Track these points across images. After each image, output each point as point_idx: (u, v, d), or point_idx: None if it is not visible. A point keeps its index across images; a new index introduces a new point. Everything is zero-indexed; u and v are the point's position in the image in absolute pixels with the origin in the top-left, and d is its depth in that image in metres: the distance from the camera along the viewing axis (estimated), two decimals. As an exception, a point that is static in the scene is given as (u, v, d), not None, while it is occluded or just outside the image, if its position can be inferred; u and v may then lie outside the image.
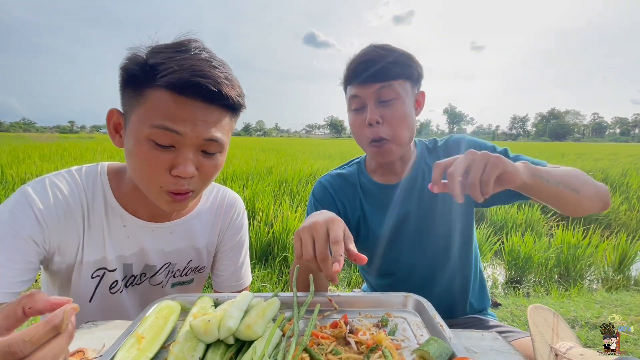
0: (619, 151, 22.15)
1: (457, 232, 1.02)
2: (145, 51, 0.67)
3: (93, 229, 0.77)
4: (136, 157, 0.68)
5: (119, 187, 0.80)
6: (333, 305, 0.72)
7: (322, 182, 1.12)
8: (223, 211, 0.95)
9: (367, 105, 0.94)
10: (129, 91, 0.68)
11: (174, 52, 0.65)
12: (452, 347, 0.57)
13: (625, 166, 9.98)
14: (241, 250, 1.01)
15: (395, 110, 0.92)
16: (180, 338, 0.56)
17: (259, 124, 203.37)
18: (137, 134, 0.66)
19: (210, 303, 0.69)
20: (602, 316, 2.18)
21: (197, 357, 0.53)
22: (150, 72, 0.64)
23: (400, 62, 0.93)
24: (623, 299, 2.57)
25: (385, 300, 0.75)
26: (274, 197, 4.73)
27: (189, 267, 0.91)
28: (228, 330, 0.55)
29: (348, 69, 0.97)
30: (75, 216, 0.75)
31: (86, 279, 0.78)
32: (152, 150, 0.66)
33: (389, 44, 0.95)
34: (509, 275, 3.50)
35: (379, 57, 0.91)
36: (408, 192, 1.02)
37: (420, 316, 0.71)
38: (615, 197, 6.00)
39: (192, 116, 0.65)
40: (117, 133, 0.73)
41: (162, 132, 0.64)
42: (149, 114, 0.65)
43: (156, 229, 0.83)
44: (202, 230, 0.91)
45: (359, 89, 0.94)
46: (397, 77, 0.92)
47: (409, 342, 0.63)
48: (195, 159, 0.69)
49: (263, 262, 3.39)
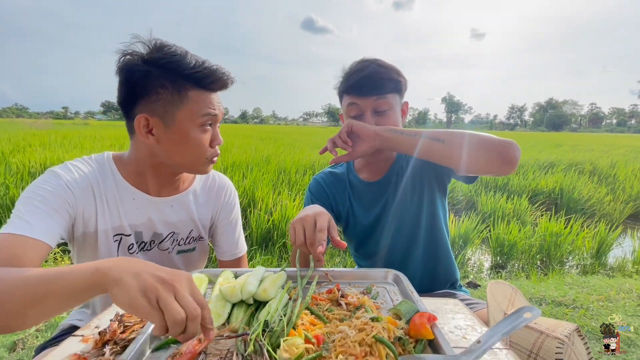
0: (613, 142, 22.44)
1: (425, 219, 1.20)
2: (141, 62, 0.84)
3: (109, 202, 0.94)
4: (191, 142, 0.89)
5: (124, 170, 0.97)
6: (328, 277, 0.91)
7: (317, 180, 1.30)
8: (215, 193, 1.13)
9: (364, 114, 1.09)
10: (165, 96, 0.84)
11: (191, 59, 0.86)
12: (418, 307, 0.75)
13: (615, 158, 10.23)
14: (236, 226, 1.19)
15: (389, 119, 1.08)
16: (212, 299, 0.75)
17: (255, 111, 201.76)
18: (190, 125, 0.88)
19: (231, 275, 0.87)
20: (567, 295, 2.42)
21: (227, 312, 0.72)
22: (187, 79, 0.85)
23: (393, 78, 1.08)
24: (590, 282, 2.82)
25: (370, 274, 0.94)
26: (273, 186, 4.89)
27: (190, 236, 1.09)
28: (249, 293, 0.73)
29: (348, 80, 1.11)
30: (92, 190, 0.92)
31: (109, 243, 0.95)
32: (202, 134, 0.90)
33: (381, 60, 1.11)
34: (494, 261, 3.74)
35: (376, 73, 1.07)
36: (387, 188, 1.20)
37: (398, 286, 0.90)
38: (602, 188, 6.24)
39: (218, 101, 0.92)
40: (149, 133, 0.88)
41: (209, 118, 0.90)
42: (195, 108, 0.87)
43: (159, 202, 1.00)
44: (197, 205, 1.09)
45: (358, 99, 1.09)
46: (391, 91, 1.08)
47: (387, 304, 0.82)
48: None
49: (263, 248, 3.59)
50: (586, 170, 7.88)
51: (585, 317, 2.20)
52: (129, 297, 0.50)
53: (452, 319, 0.82)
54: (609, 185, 6.74)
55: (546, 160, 9.17)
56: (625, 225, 5.16)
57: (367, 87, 1.06)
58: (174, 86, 0.84)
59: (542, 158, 9.55)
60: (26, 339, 1.80)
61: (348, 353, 0.58)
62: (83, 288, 0.54)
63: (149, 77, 0.83)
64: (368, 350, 0.58)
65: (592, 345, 1.92)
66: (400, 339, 0.64)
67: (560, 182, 6.12)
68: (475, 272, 3.49)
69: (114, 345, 0.62)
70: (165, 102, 0.85)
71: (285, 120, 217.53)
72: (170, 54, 0.85)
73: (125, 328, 0.66)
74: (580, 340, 0.85)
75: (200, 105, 0.87)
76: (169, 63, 0.84)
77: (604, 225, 3.96)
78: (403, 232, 1.21)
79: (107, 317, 0.75)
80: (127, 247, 0.98)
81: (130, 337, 0.64)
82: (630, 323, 2.12)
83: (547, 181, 6.21)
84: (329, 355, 0.59)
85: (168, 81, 0.84)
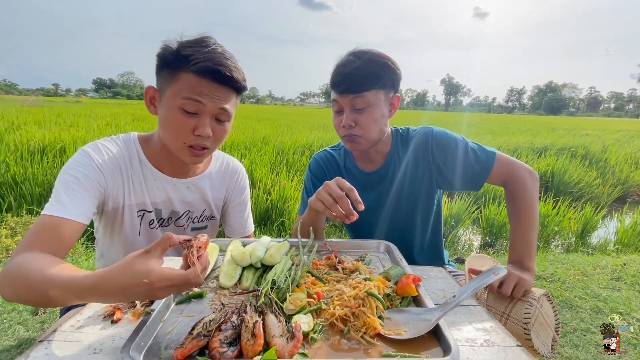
0: (609, 126, 22.57)
1: (419, 209, 1.26)
2: (175, 44, 0.91)
3: (134, 181, 1.03)
4: (169, 121, 0.92)
5: (148, 150, 1.05)
6: (327, 247, 1.01)
7: (317, 159, 1.36)
8: (229, 176, 1.23)
9: (344, 111, 1.11)
10: (165, 72, 0.91)
11: (200, 46, 0.90)
12: (406, 271, 0.86)
13: (608, 142, 10.37)
14: (246, 207, 1.30)
15: (367, 117, 1.09)
16: (225, 263, 0.85)
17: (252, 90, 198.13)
18: (171, 104, 0.90)
19: (240, 244, 0.97)
20: (547, 270, 2.61)
21: (238, 274, 0.82)
22: (183, 60, 0.88)
23: (375, 73, 1.07)
24: (570, 259, 3.00)
25: (364, 244, 1.04)
26: (271, 167, 4.97)
27: (204, 215, 1.19)
28: (257, 258, 0.83)
29: (332, 75, 1.12)
30: (121, 169, 1.00)
31: (133, 217, 1.05)
32: (181, 116, 0.90)
33: (370, 51, 1.10)
34: (484, 240, 3.91)
35: (357, 70, 1.06)
36: (382, 179, 1.25)
37: (389, 255, 1.00)
38: (592, 172, 6.39)
39: (210, 92, 0.90)
40: (152, 104, 0.97)
41: (190, 103, 0.89)
42: (181, 89, 0.88)
43: (178, 183, 1.09)
44: (211, 187, 1.18)
45: (337, 96, 1.11)
46: (370, 88, 1.07)
47: (378, 269, 0.93)
48: (211, 124, 0.94)
49: (262, 227, 3.71)
50: (578, 155, 8.02)
51: (561, 288, 2.38)
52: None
53: (435, 282, 0.93)
54: (599, 169, 6.90)
55: (541, 144, 9.29)
56: (611, 207, 5.35)
57: (344, 85, 1.07)
58: (173, 64, 0.90)
59: (536, 142, 9.67)
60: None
61: (344, 305, 0.69)
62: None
63: (164, 55, 0.91)
64: (361, 302, 0.69)
65: (563, 312, 2.11)
66: (388, 296, 0.75)
67: (552, 165, 6.26)
68: (465, 251, 3.66)
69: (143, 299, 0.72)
70: (164, 77, 0.92)
71: (282, 101, 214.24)
72: (190, 40, 0.91)
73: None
74: (549, 304, 0.97)
75: (185, 88, 0.88)
76: (180, 45, 0.90)
77: (590, 207, 4.13)
78: (396, 220, 1.26)
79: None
80: (148, 222, 1.07)
81: (156, 293, 0.74)
82: (600, 294, 2.30)
83: (540, 164, 6.33)
84: (328, 307, 0.69)
85: (172, 59, 0.90)
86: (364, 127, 1.10)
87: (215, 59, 0.88)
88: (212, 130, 0.93)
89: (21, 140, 5.15)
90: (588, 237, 3.94)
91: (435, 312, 0.67)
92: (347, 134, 1.12)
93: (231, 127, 1.03)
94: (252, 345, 0.57)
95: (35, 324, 1.78)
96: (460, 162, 1.16)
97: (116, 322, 0.67)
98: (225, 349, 0.57)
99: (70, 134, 5.97)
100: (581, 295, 2.28)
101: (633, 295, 2.31)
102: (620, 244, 3.71)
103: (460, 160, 1.16)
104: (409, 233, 1.29)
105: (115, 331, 0.65)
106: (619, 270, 2.69)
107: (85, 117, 10.70)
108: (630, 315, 2.07)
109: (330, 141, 7.73)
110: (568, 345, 1.80)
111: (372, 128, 1.11)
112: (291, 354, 0.56)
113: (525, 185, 1.11)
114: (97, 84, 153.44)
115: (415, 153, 1.21)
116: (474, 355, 0.63)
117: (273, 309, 0.67)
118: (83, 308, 0.73)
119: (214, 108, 0.91)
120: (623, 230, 3.84)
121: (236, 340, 0.60)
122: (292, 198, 3.87)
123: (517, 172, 1.13)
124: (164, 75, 0.92)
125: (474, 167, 1.15)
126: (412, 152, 1.22)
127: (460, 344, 0.65)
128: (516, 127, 16.98)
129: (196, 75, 0.87)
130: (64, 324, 0.67)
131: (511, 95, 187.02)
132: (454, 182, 1.20)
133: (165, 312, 0.69)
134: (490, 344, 0.66)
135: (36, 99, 30.54)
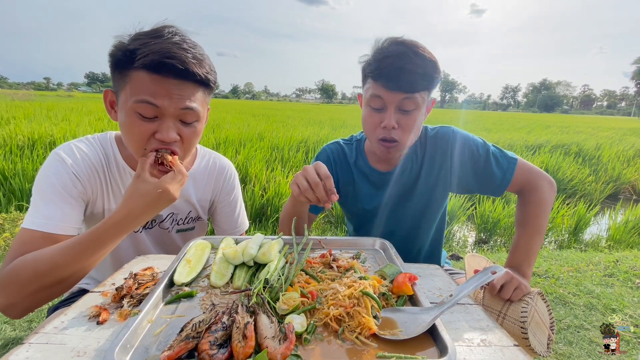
0: (602, 124, 22.81)
1: (428, 211, 1.21)
2: (127, 39, 0.81)
3: (113, 184, 0.97)
4: (126, 127, 0.83)
5: (124, 151, 0.98)
6: (322, 244, 0.99)
7: (326, 150, 1.25)
8: (215, 176, 1.15)
9: (387, 109, 0.98)
10: (117, 73, 0.81)
11: (149, 37, 0.78)
12: (402, 270, 0.84)
13: (600, 140, 10.48)
14: (236, 206, 1.23)
15: (412, 120, 0.99)
16: (217, 261, 0.82)
17: (247, 86, 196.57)
18: (125, 108, 0.80)
19: (232, 242, 0.95)
20: (541, 266, 2.63)
21: (230, 273, 0.80)
22: (130, 56, 0.77)
23: (428, 75, 0.96)
24: (564, 255, 3.03)
25: (359, 242, 1.02)
26: (266, 163, 4.93)
27: (189, 217, 1.13)
28: (250, 256, 0.81)
29: (378, 64, 0.96)
30: (98, 172, 0.94)
31: None
32: (137, 121, 0.80)
33: (421, 45, 0.97)
34: (478, 237, 3.93)
35: (412, 67, 0.93)
36: (396, 180, 1.17)
37: (384, 253, 0.99)
38: (585, 169, 6.45)
39: (167, 91, 0.78)
40: (112, 109, 0.89)
41: (144, 106, 0.78)
42: (132, 91, 0.78)
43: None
44: (196, 188, 1.12)
45: (384, 92, 0.96)
46: (422, 89, 0.97)
47: (374, 268, 0.91)
48: (176, 127, 0.83)
49: (257, 223, 3.68)
50: (572, 152, 8.09)
51: (555, 285, 2.40)
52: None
53: (431, 280, 0.92)
54: (592, 166, 6.96)
55: (535, 141, 9.35)
56: (604, 204, 5.41)
57: (397, 82, 0.94)
58: (122, 63, 0.79)
59: (530, 139, 9.73)
60: (32, 304, 1.88)
61: (339, 305, 0.67)
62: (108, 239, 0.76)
63: (114, 53, 0.81)
64: (356, 302, 0.67)
65: (557, 309, 2.12)
66: (384, 294, 0.73)
67: (546, 162, 6.30)
68: (460, 247, 3.67)
69: (130, 299, 0.69)
70: (116, 79, 0.83)
71: (277, 96, 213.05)
72: (140, 32, 0.80)
73: (139, 285, 0.73)
74: (543, 302, 0.97)
75: (137, 89, 0.78)
76: (130, 39, 0.79)
77: (583, 204, 4.16)
78: (404, 220, 1.22)
79: (120, 276, 0.82)
80: None
81: (144, 292, 0.72)
82: (593, 290, 2.32)
83: (534, 161, 6.37)
84: (322, 307, 0.67)
85: (120, 57, 0.79)
86: (405, 131, 1.00)
87: (166, 50, 0.75)
88: (178, 133, 0.83)
89: (10, 134, 5.05)
90: (581, 233, 3.98)
91: (432, 312, 0.65)
92: (387, 136, 1.00)
93: (204, 127, 0.92)
94: (243, 347, 0.55)
95: (22, 323, 1.75)
96: (480, 167, 1.11)
97: (102, 323, 0.65)
98: (215, 351, 0.55)
99: (61, 128, 5.86)
100: (575, 292, 2.30)
101: (625, 292, 2.33)
102: (612, 241, 3.75)
103: (481, 165, 1.11)
104: (413, 234, 1.26)
105: (100, 333, 0.62)
106: (611, 267, 2.72)
107: (77, 112, 10.54)
108: (623, 311, 2.09)
109: (326, 137, 7.70)
110: (562, 342, 1.81)
111: (412, 134, 1.02)
112: (284, 356, 0.54)
113: (542, 197, 1.08)
114: (89, 78, 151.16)
115: (433, 155, 1.15)
116: (470, 356, 0.61)
117: (265, 309, 0.65)
118: (68, 308, 0.70)
119: (175, 109, 0.80)
120: (615, 227, 3.89)
121: (227, 342, 0.57)
122: (287, 194, 3.85)
123: (537, 182, 1.09)
124: (116, 76, 0.81)
125: (495, 173, 1.10)
126: (430, 154, 1.15)
127: (457, 344, 0.64)
128: (510, 125, 17.08)
129: (147, 72, 0.76)
130: (47, 325, 0.64)
131: (506, 93, 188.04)
132: (472, 187, 1.16)
133: (154, 313, 0.67)
134: (487, 343, 0.65)
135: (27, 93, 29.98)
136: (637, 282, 2.47)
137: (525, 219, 1.07)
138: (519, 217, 1.11)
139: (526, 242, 1.03)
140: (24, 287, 0.70)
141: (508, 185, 1.11)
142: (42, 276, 0.70)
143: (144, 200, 0.78)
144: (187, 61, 0.77)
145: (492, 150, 1.12)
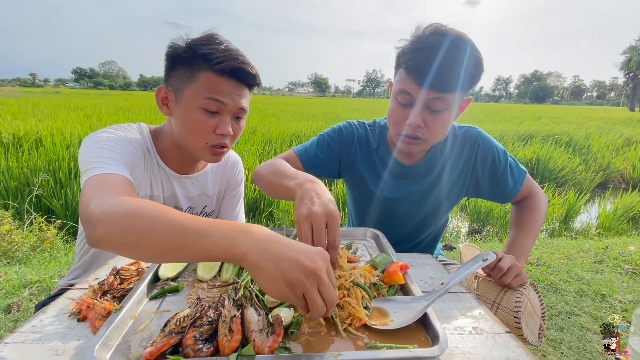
0: (591, 114, 23.09)
1: (439, 210, 1.19)
2: (183, 42, 0.88)
3: (146, 172, 0.99)
4: (190, 121, 0.90)
5: (158, 145, 1.02)
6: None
7: (353, 127, 1.17)
8: (228, 168, 1.21)
9: (414, 106, 0.91)
10: (181, 72, 0.89)
11: (215, 44, 0.87)
12: (393, 259, 0.83)
13: (590, 130, 10.61)
14: (239, 201, 1.26)
15: (439, 121, 0.92)
16: (203, 255, 0.80)
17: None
18: (191, 104, 0.88)
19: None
20: (532, 254, 2.65)
21: (217, 266, 0.78)
22: (202, 59, 0.86)
23: (468, 73, 0.87)
24: (555, 243, 3.07)
25: (351, 232, 1.01)
26: (259, 157, 4.89)
27: (204, 211, 1.16)
28: (238, 249, 0.79)
29: (413, 55, 0.87)
30: (143, 158, 0.96)
31: None
32: (203, 116, 0.89)
33: (463, 36, 0.87)
34: (471, 227, 3.96)
35: (449, 63, 0.84)
36: (419, 175, 1.13)
37: (375, 242, 0.98)
38: (575, 159, 6.53)
39: (231, 91, 0.89)
40: (165, 105, 0.95)
41: (211, 102, 0.88)
42: (201, 89, 0.87)
43: (182, 179, 1.07)
44: (213, 181, 1.16)
45: (414, 87, 0.89)
46: (455, 90, 0.87)
47: (365, 258, 0.90)
48: (231, 122, 0.94)
49: (250, 217, 3.66)
50: (562, 142, 8.17)
51: (546, 272, 2.43)
52: (275, 288, 0.50)
53: (423, 270, 0.91)
54: (582, 155, 7.05)
55: (526, 131, 9.43)
56: (594, 193, 5.49)
57: (431, 78, 0.85)
58: (190, 64, 0.87)
59: (522, 129, 9.80)
60: (20, 302, 1.84)
61: (328, 295, 0.65)
62: (217, 256, 0.53)
63: (176, 54, 0.89)
64: (346, 293, 0.66)
65: (549, 295, 2.15)
66: (375, 284, 0.72)
67: (537, 152, 6.36)
68: (453, 238, 3.70)
69: (112, 295, 0.67)
70: (180, 77, 0.89)
71: (270, 90, 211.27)
72: (201, 37, 0.88)
73: (123, 280, 0.71)
74: (535, 292, 0.97)
75: (206, 88, 0.87)
76: (193, 43, 0.87)
77: (574, 193, 4.22)
78: (415, 217, 1.19)
79: (104, 272, 0.80)
80: None
81: (128, 288, 0.69)
82: (584, 277, 2.36)
83: (526, 152, 6.43)
84: (312, 298, 0.66)
85: (187, 59, 0.87)
86: (432, 131, 0.94)
87: (236, 57, 0.87)
88: (231, 127, 0.94)
89: (-6, 131, 4.91)
90: (571, 222, 4.04)
91: (423, 301, 0.64)
92: (411, 134, 0.95)
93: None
94: (229, 341, 0.53)
95: (8, 323, 1.70)
96: (498, 175, 1.12)
97: (83, 320, 0.62)
98: (200, 345, 0.53)
99: (47, 124, 5.73)
100: (565, 279, 2.33)
101: (615, 277, 2.37)
102: (601, 228, 3.81)
103: (500, 172, 1.11)
104: (418, 230, 1.24)
105: (81, 330, 0.60)
106: (601, 254, 2.76)
107: (65, 108, 10.31)
108: (612, 297, 2.12)
109: (319, 130, 7.65)
110: (553, 328, 1.83)
111: (439, 133, 0.96)
112: (271, 349, 0.53)
113: (538, 203, 1.13)
114: (77, 74, 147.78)
115: (459, 155, 1.12)
116: (462, 343, 0.61)
117: (253, 302, 0.63)
118: (48, 307, 0.68)
119: (235, 107, 0.91)
120: (604, 214, 3.95)
121: (213, 337, 0.56)
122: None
123: (536, 192, 1.17)
124: (179, 75, 0.89)
125: (508, 181, 1.12)
126: (456, 154, 1.12)
127: (449, 332, 0.63)
128: (502, 116, 17.18)
129: (217, 75, 0.87)
130: (25, 324, 0.62)
131: (498, 84, 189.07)
132: (483, 192, 1.16)
133: (137, 308, 0.65)
134: (479, 331, 0.64)
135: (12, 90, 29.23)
136: (626, 267, 2.52)
137: (522, 222, 1.10)
138: (515, 220, 1.14)
139: (522, 242, 1.05)
140: (144, 232, 0.55)
141: (516, 195, 1.14)
142: (156, 235, 0.54)
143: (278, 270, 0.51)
144: (253, 68, 0.91)
145: (510, 160, 1.14)
